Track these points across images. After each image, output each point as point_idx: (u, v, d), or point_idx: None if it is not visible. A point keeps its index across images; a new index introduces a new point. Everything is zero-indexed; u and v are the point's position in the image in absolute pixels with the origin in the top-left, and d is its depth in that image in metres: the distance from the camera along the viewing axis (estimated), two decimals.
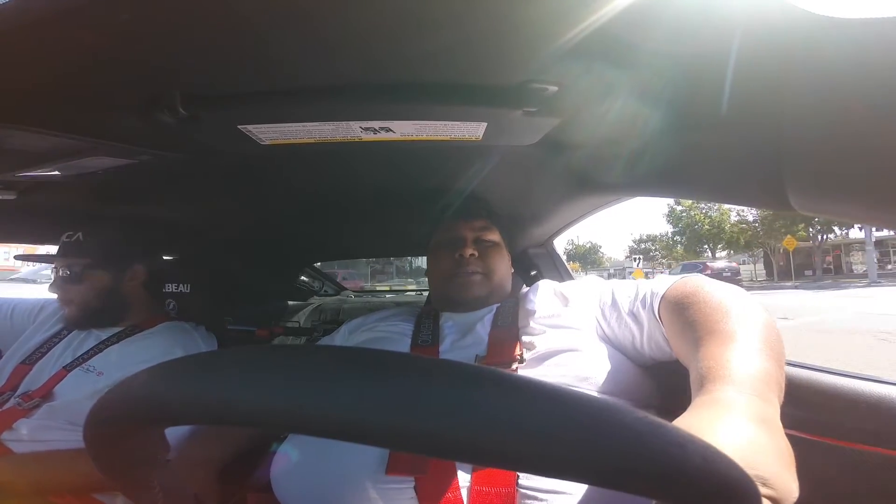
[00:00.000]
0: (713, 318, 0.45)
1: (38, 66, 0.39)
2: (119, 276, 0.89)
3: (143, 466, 0.28)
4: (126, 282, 0.90)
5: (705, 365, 0.40)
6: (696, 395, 0.38)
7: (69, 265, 0.85)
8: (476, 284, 0.75)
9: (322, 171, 0.81)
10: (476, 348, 0.64)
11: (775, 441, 0.31)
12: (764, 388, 0.36)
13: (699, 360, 0.41)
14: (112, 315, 0.87)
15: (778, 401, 0.37)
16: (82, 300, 0.85)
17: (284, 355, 0.22)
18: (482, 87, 0.48)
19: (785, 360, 0.42)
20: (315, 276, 2.29)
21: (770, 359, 0.40)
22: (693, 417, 0.34)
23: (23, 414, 0.72)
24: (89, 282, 0.85)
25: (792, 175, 0.42)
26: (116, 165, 0.64)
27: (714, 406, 0.35)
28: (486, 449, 0.18)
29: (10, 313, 0.97)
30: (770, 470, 0.29)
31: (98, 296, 0.86)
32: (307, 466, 0.51)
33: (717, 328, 0.44)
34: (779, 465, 0.29)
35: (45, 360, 0.82)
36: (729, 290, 0.50)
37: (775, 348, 0.41)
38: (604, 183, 0.80)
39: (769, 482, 0.28)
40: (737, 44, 0.35)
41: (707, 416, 0.34)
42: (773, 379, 0.38)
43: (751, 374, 0.37)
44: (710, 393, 0.36)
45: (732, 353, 0.40)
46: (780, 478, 0.28)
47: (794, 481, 0.29)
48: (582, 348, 0.59)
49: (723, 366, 0.38)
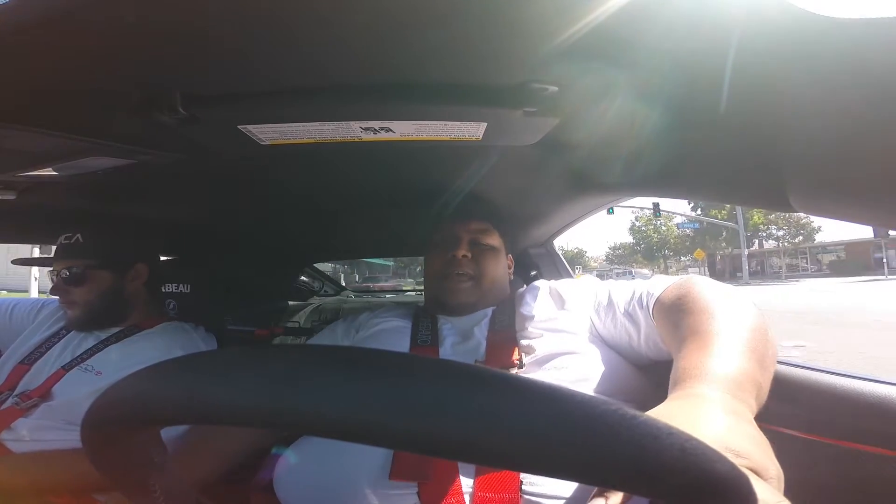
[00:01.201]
0: (699, 320, 0.46)
1: (37, 66, 0.39)
2: (122, 276, 0.88)
3: (140, 468, 0.27)
4: (129, 281, 0.89)
5: (681, 365, 0.40)
6: (670, 394, 0.38)
7: (70, 267, 0.84)
8: (464, 291, 0.74)
9: (322, 171, 0.81)
10: (475, 352, 0.64)
11: (745, 427, 0.32)
12: (736, 387, 0.36)
13: (678, 362, 0.42)
14: (115, 316, 0.87)
15: (754, 399, 0.37)
16: (86, 302, 0.84)
17: (280, 354, 0.22)
18: (482, 87, 0.48)
19: (772, 361, 0.42)
20: (315, 276, 2.29)
21: (749, 359, 0.40)
22: (663, 407, 0.35)
23: (21, 413, 0.72)
24: (92, 283, 0.84)
25: (791, 175, 0.42)
26: (116, 165, 0.64)
27: (684, 399, 0.36)
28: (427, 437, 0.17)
29: (10, 312, 0.97)
30: (742, 445, 0.29)
31: (102, 296, 0.85)
32: (310, 470, 0.51)
33: (700, 329, 0.44)
34: (751, 444, 0.30)
35: (44, 359, 0.82)
36: (722, 291, 0.50)
37: (757, 349, 0.41)
38: (604, 183, 0.80)
39: (743, 454, 0.28)
40: (736, 43, 0.35)
41: (677, 406, 0.35)
42: (748, 378, 0.38)
43: (725, 373, 0.37)
44: (682, 390, 0.37)
45: (709, 354, 0.40)
46: (754, 452, 0.29)
47: (771, 460, 0.29)
48: (579, 351, 0.59)
49: (696, 366, 0.39)
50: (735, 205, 0.78)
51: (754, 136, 0.44)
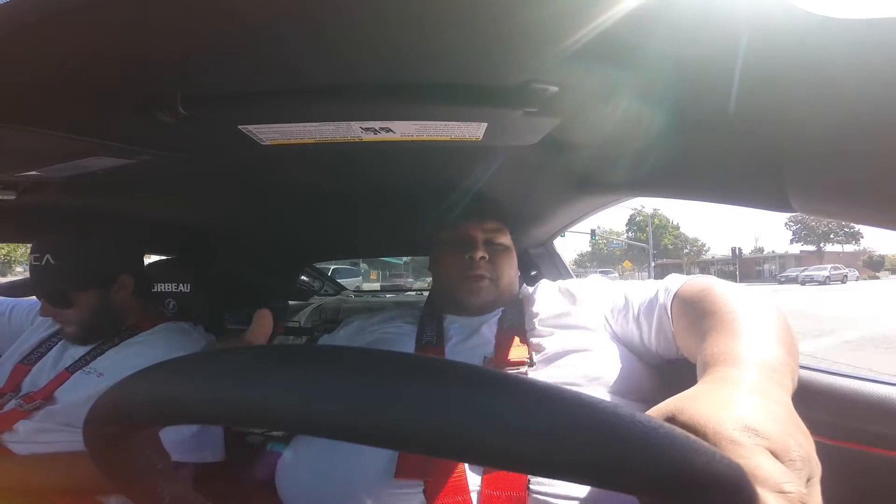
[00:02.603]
0: (724, 310, 0.45)
1: (38, 65, 0.39)
2: (106, 291, 0.84)
3: (143, 471, 0.27)
4: (115, 293, 0.86)
5: (711, 352, 0.39)
6: (700, 379, 0.37)
7: (50, 294, 0.80)
8: (484, 290, 0.73)
9: (322, 171, 0.81)
10: (483, 349, 0.63)
11: (772, 406, 0.30)
12: (769, 370, 0.35)
13: (705, 349, 0.41)
14: (111, 327, 0.85)
15: (790, 382, 0.36)
16: (79, 321, 0.81)
17: (281, 354, 0.22)
18: (483, 87, 0.48)
19: (797, 353, 0.41)
20: (315, 276, 2.29)
21: (780, 346, 0.39)
22: (690, 391, 0.33)
23: (24, 415, 0.72)
24: (78, 303, 0.81)
25: (793, 176, 0.42)
26: (116, 165, 0.64)
27: (713, 382, 0.35)
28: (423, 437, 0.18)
29: (9, 313, 0.97)
30: (762, 424, 0.27)
31: (92, 314, 0.82)
32: (313, 470, 0.50)
33: (727, 319, 0.43)
34: (774, 422, 0.28)
35: (44, 360, 0.81)
36: (741, 289, 0.50)
37: (785, 340, 0.41)
38: (604, 183, 0.80)
39: (762, 433, 0.27)
40: (739, 45, 0.35)
41: (702, 389, 0.33)
42: (781, 363, 0.37)
43: (757, 357, 0.36)
44: (712, 374, 0.36)
45: (739, 341, 0.39)
46: (775, 432, 0.27)
47: (799, 441, 0.28)
48: (592, 348, 0.59)
49: (727, 351, 0.38)
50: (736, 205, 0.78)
51: (755, 137, 0.44)
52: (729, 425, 0.27)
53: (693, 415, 0.29)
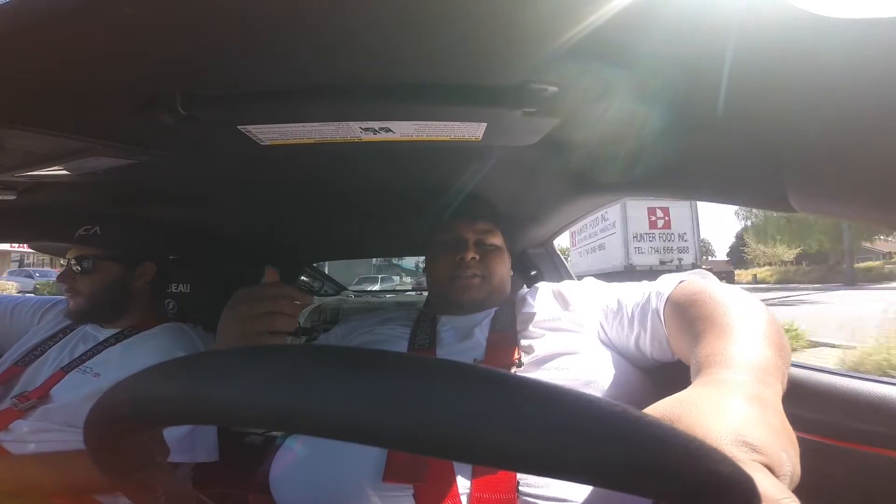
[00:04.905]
0: (717, 313, 0.45)
1: (38, 66, 0.39)
2: (130, 271, 0.90)
3: (142, 468, 0.27)
4: (136, 277, 0.91)
5: (704, 353, 0.40)
6: (694, 381, 0.38)
7: (83, 256, 0.87)
8: (475, 287, 0.75)
9: (322, 171, 0.81)
10: (474, 352, 0.63)
11: (768, 416, 0.31)
12: (761, 372, 0.36)
13: (699, 351, 0.41)
14: (116, 310, 0.88)
15: (780, 385, 0.36)
16: (91, 292, 0.85)
17: (281, 355, 0.22)
18: (482, 87, 0.48)
19: (788, 353, 0.42)
20: (315, 276, 2.29)
21: (770, 348, 0.40)
22: (686, 394, 0.34)
23: (19, 415, 0.72)
24: (100, 273, 0.87)
25: (791, 175, 0.42)
26: (116, 165, 0.64)
27: (709, 385, 0.35)
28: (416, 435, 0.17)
29: (10, 312, 0.97)
30: (759, 438, 0.28)
31: (107, 288, 0.87)
32: (306, 471, 0.51)
33: (718, 321, 0.44)
34: (770, 435, 0.29)
35: (41, 360, 0.82)
36: (732, 290, 0.50)
37: (776, 340, 0.41)
38: (603, 183, 0.80)
39: (759, 448, 0.27)
40: (735, 44, 0.35)
41: (698, 393, 0.34)
42: (772, 365, 0.37)
43: (749, 359, 0.37)
44: (706, 376, 0.37)
45: (732, 342, 0.40)
46: (771, 446, 0.28)
47: (790, 454, 0.28)
48: (582, 351, 0.59)
49: (720, 352, 0.39)
50: (735, 205, 0.78)
51: (754, 136, 0.44)
52: (727, 440, 0.28)
53: (691, 425, 0.30)
